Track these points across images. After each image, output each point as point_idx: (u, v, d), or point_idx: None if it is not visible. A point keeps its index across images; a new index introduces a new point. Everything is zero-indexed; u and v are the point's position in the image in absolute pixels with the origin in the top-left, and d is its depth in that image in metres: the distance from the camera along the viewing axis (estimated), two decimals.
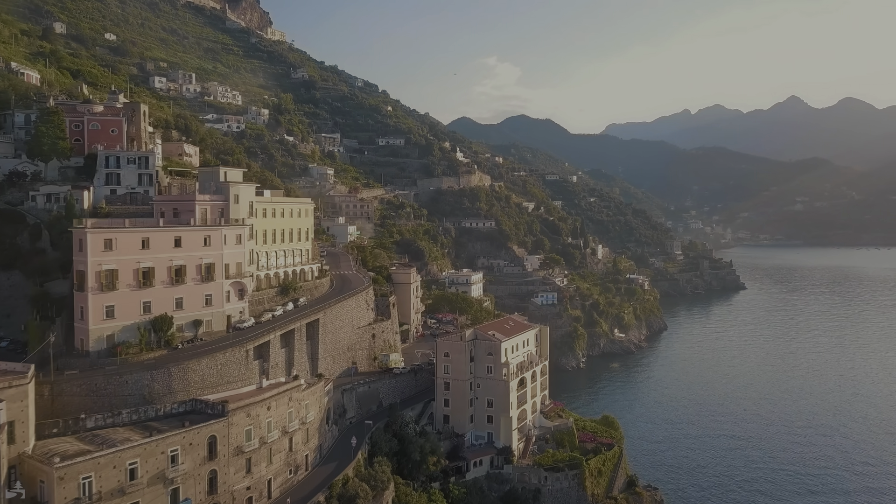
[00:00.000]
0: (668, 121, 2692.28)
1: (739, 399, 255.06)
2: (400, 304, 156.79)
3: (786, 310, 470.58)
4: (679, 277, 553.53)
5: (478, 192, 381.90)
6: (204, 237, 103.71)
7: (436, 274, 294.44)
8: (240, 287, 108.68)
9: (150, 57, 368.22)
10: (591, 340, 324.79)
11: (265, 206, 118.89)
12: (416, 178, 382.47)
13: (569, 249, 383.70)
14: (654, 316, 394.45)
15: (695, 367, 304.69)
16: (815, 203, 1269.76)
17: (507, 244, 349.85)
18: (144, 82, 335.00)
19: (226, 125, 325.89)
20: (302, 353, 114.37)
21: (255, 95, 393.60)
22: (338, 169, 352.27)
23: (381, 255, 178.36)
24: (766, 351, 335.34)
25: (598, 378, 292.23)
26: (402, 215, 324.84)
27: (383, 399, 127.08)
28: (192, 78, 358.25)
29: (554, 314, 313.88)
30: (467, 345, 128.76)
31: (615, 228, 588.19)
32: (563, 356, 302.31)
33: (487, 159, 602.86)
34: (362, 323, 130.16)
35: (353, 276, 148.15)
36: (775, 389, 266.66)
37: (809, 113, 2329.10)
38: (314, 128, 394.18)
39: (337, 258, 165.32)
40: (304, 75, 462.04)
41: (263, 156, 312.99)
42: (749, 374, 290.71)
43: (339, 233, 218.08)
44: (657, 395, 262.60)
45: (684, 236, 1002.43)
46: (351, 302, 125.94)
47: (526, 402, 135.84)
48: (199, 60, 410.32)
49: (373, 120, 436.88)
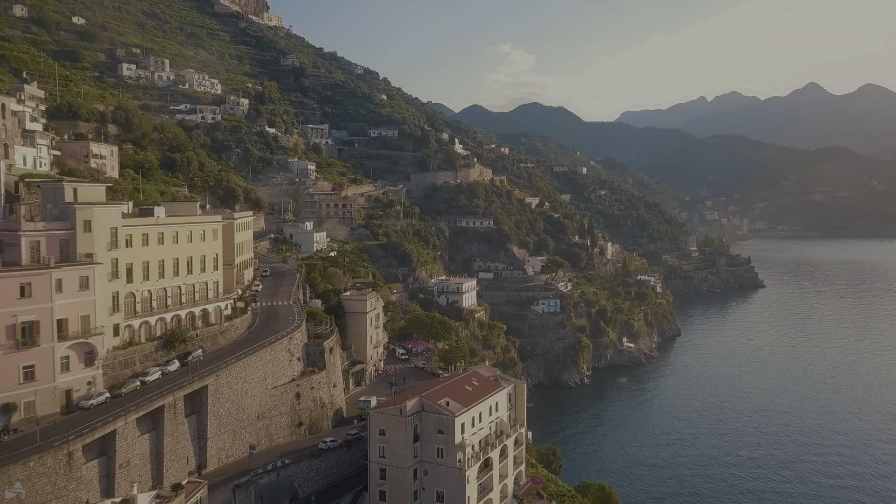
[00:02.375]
0: (684, 108, 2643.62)
1: (760, 425, 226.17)
2: (354, 336, 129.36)
3: (807, 312, 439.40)
4: (694, 275, 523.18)
5: (476, 188, 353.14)
6: (20, 286, 72.80)
7: (425, 281, 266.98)
8: (87, 349, 79.18)
9: (122, 42, 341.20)
10: (597, 352, 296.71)
11: (144, 232, 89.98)
12: (409, 172, 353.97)
13: (575, 249, 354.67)
14: (667, 321, 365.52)
15: (709, 383, 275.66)
16: (835, 193, 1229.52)
17: (506, 245, 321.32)
18: (112, 70, 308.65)
19: (199, 116, 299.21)
20: (179, 437, 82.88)
21: (237, 84, 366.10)
22: (322, 163, 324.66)
23: (335, 275, 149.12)
24: (788, 363, 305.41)
25: (603, 395, 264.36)
26: (391, 214, 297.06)
27: (300, 488, 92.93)
28: (166, 65, 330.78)
29: (556, 324, 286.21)
30: (410, 420, 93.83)
31: (627, 223, 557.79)
32: (566, 371, 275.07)
33: (492, 150, 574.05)
34: (282, 379, 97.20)
35: (288, 307, 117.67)
36: (802, 415, 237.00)
37: (829, 100, 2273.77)
38: (300, 118, 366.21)
39: (280, 280, 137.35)
40: (294, 62, 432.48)
41: (239, 150, 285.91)
42: (770, 393, 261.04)
43: (303, 241, 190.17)
44: (667, 419, 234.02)
45: (699, 228, 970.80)
46: (264, 354, 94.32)
47: (492, 490, 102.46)
48: (180, 46, 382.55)
49: (365, 110, 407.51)
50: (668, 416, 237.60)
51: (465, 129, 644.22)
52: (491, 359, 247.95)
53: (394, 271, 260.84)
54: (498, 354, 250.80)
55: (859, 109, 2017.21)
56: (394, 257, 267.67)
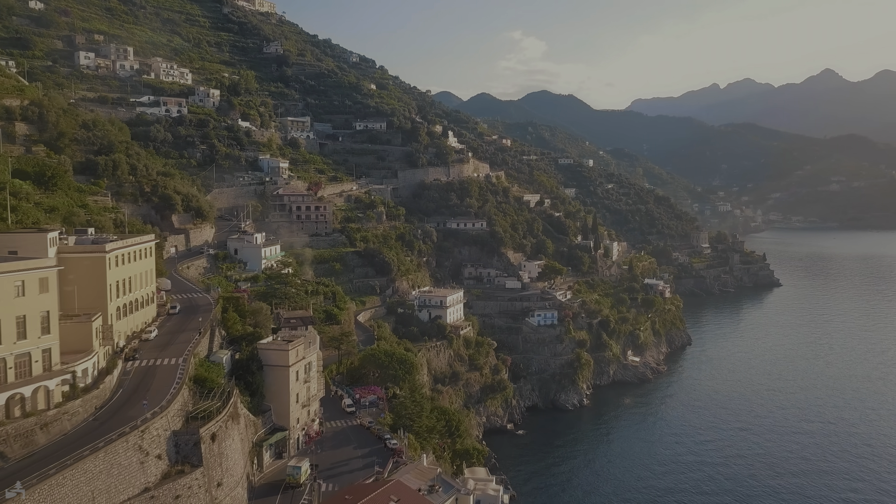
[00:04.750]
0: (696, 95, 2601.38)
1: (779, 459, 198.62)
2: (274, 396, 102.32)
3: (827, 316, 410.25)
4: (706, 274, 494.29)
5: (469, 186, 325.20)
6: None
7: (406, 292, 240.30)
8: None
9: (85, 29, 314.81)
10: (599, 368, 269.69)
11: None
12: (396, 168, 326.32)
13: (576, 252, 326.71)
14: (676, 328, 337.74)
15: (721, 402, 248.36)
16: (851, 183, 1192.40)
17: (500, 249, 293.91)
18: (68, 58, 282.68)
19: (163, 109, 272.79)
20: None
21: (211, 73, 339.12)
22: (300, 160, 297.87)
23: (260, 312, 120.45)
24: (808, 376, 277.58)
25: (602, 420, 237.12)
26: (371, 217, 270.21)
27: None
28: (129, 53, 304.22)
29: (553, 337, 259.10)
30: None
31: (635, 219, 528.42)
32: (563, 391, 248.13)
33: (493, 142, 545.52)
34: (126, 493, 65.17)
35: (172, 369, 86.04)
36: (830, 446, 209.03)
37: (845, 86, 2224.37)
38: (280, 110, 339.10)
39: (189, 320, 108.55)
40: (278, 50, 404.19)
41: (204, 146, 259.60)
42: (792, 417, 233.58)
43: (250, 257, 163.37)
44: (673, 449, 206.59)
45: (711, 220, 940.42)
46: (94, 462, 61.99)
47: None
48: (152, 33, 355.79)
49: (351, 100, 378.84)
50: (675, 446, 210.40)
51: (465, 120, 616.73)
52: (478, 381, 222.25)
53: (370, 282, 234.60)
54: (486, 376, 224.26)
55: (877, 96, 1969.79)
56: (371, 266, 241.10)
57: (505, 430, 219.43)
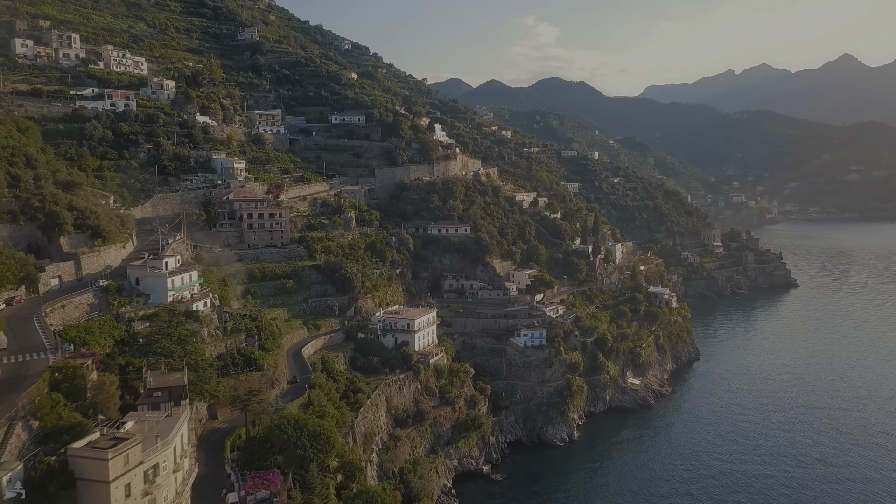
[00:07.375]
0: (711, 82, 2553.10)
1: None
2: None
3: (850, 319, 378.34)
4: (717, 275, 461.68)
5: (454, 185, 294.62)
6: None
7: (370, 312, 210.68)
8: None
9: (29, 14, 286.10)
10: (593, 393, 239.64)
11: None
12: (374, 167, 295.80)
13: (572, 259, 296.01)
14: (683, 342, 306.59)
15: (731, 435, 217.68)
16: (871, 172, 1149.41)
17: (485, 258, 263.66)
18: (3, 47, 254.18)
19: (108, 103, 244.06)
20: None
21: (172, 62, 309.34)
22: (263, 158, 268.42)
23: (104, 388, 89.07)
24: (830, 406, 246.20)
25: (594, 456, 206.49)
26: (338, 223, 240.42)
27: None
28: (75, 41, 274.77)
29: (541, 360, 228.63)
30: None
31: (642, 215, 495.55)
32: (550, 424, 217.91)
33: (491, 134, 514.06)
34: None
35: None
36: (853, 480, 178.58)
37: (864, 72, 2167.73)
38: (249, 103, 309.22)
39: (5, 395, 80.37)
40: (254, 36, 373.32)
41: (150, 144, 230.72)
42: (814, 456, 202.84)
43: (154, 287, 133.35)
44: (677, 487, 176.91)
45: (725, 212, 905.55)
46: None
47: None
48: (112, 19, 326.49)
49: (328, 91, 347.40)
50: (679, 484, 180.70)
51: (463, 111, 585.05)
52: (449, 418, 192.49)
53: (328, 302, 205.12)
54: (459, 411, 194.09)
55: None
56: (331, 282, 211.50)
57: (480, 474, 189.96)
